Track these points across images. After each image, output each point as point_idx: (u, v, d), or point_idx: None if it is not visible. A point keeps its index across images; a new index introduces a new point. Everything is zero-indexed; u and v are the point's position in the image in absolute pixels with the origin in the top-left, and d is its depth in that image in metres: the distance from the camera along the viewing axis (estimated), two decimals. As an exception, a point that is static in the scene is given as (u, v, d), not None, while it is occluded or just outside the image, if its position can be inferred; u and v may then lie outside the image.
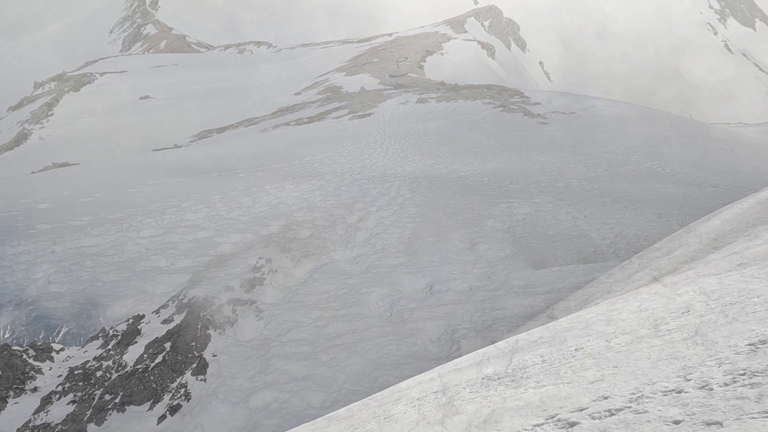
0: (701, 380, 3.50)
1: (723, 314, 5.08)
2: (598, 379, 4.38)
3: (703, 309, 5.57)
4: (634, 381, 3.99)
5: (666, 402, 3.35)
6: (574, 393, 4.25)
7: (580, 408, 3.83)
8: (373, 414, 7.01)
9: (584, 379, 4.56)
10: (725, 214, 13.42)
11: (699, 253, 11.17)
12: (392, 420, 6.15)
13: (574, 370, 5.00)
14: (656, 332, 5.34)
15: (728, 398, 3.08)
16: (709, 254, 10.46)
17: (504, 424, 4.11)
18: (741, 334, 4.16)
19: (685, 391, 3.41)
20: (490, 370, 6.80)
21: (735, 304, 5.31)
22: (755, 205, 12.83)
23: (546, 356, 6.33)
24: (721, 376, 3.43)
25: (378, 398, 8.30)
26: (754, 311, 4.79)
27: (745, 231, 10.85)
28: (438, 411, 5.57)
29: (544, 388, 4.75)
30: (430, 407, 5.94)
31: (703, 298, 5.97)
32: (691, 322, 5.17)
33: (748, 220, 11.70)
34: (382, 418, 6.47)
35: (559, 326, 7.56)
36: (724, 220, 12.80)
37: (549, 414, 3.97)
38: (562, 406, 4.00)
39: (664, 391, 3.55)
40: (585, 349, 5.90)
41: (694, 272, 8.98)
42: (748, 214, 12.18)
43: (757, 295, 5.33)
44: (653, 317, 5.98)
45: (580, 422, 3.54)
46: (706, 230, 12.92)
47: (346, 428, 6.88)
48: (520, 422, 4.01)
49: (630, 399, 3.64)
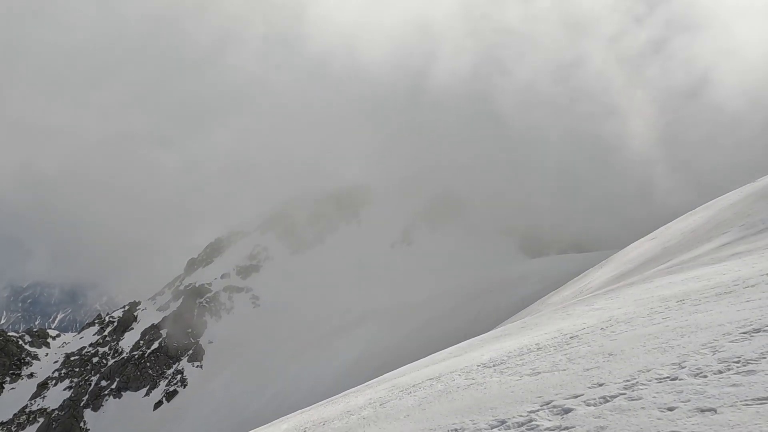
0: (695, 368, 3.53)
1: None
2: (593, 367, 4.41)
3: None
4: (629, 368, 4.02)
5: (660, 389, 3.37)
6: (569, 380, 4.27)
7: (575, 395, 3.86)
8: (368, 400, 7.05)
9: (579, 366, 4.59)
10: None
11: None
12: (387, 406, 6.18)
13: (570, 358, 5.02)
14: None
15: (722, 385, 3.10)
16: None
17: (500, 410, 4.14)
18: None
19: (680, 378, 3.44)
20: (485, 358, 6.83)
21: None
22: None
23: (541, 344, 6.36)
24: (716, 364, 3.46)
25: (373, 385, 8.35)
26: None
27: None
28: (434, 397, 5.60)
29: (540, 375, 4.78)
30: (426, 393, 5.97)
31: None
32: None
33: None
34: (378, 404, 6.51)
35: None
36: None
37: (544, 400, 3.99)
38: (558, 393, 4.03)
39: (658, 379, 3.57)
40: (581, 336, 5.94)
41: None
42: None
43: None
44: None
45: (575, 408, 3.57)
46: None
47: (342, 413, 6.92)
48: (516, 408, 4.04)
49: (625, 386, 3.67)
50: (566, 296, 18.22)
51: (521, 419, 3.77)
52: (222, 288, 72.77)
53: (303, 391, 38.57)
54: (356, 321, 53.27)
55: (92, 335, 69.32)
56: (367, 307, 57.80)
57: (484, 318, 35.67)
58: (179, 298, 71.48)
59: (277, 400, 39.84)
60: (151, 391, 56.77)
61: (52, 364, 63.77)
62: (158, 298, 76.44)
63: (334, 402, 8.19)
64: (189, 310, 66.94)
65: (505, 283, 43.31)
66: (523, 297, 36.10)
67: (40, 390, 59.03)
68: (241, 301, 70.35)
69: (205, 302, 68.94)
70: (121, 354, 63.07)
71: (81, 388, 58.38)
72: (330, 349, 46.95)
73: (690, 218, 18.34)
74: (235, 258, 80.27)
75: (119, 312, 75.14)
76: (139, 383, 57.79)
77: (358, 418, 6.16)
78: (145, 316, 70.59)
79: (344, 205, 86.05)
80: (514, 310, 31.34)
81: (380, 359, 37.58)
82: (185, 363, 59.61)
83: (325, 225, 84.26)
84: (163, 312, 70.31)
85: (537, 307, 21.22)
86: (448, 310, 43.41)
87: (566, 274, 33.38)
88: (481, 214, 75.49)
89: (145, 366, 59.02)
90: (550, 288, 31.05)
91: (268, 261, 79.35)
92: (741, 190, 16.54)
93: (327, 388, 34.45)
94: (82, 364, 62.25)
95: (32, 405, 57.23)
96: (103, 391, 57.19)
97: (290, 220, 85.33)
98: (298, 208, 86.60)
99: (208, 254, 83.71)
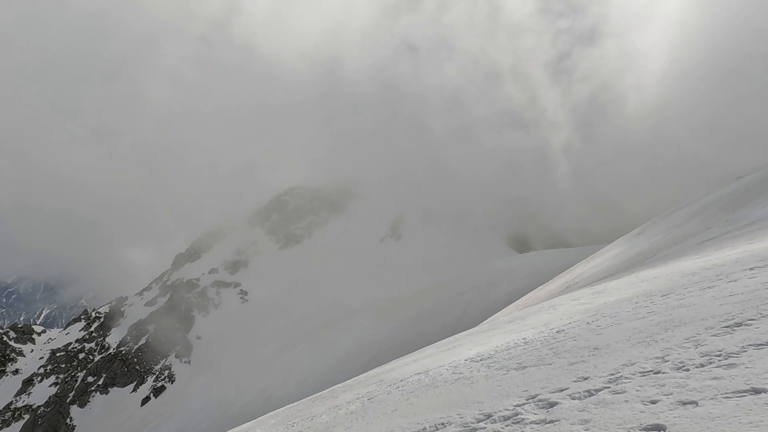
0: (678, 361, 3.58)
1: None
2: (579, 360, 4.46)
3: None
4: (613, 362, 4.07)
5: (644, 382, 3.42)
6: (555, 374, 4.32)
7: (560, 388, 3.90)
8: (356, 395, 7.07)
9: (564, 360, 4.64)
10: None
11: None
12: (375, 401, 6.21)
13: (556, 352, 5.07)
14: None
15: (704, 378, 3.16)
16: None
17: (486, 404, 4.17)
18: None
19: (663, 372, 3.49)
20: (473, 352, 6.88)
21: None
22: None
23: (528, 338, 6.41)
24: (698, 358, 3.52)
25: (362, 379, 8.36)
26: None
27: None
28: (421, 391, 5.63)
29: (526, 369, 4.83)
30: (413, 388, 6.00)
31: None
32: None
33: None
34: (365, 399, 6.53)
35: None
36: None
37: (530, 394, 4.03)
38: (544, 387, 4.07)
39: (642, 372, 3.63)
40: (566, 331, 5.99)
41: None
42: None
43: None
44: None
45: (560, 402, 3.61)
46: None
47: (330, 408, 6.94)
48: (502, 402, 4.07)
49: (609, 380, 3.72)
50: (553, 290, 18.36)
51: (507, 413, 3.80)
52: (210, 283, 72.40)
53: (291, 387, 38.56)
54: (345, 316, 53.28)
55: (78, 331, 68.70)
56: (356, 302, 57.86)
57: (471, 312, 35.85)
58: (167, 294, 71.01)
59: (266, 395, 39.79)
60: (139, 387, 56.41)
61: (38, 360, 63.13)
62: (145, 293, 75.86)
63: (323, 397, 8.21)
64: (177, 305, 66.60)
65: (492, 278, 43.52)
66: (511, 292, 36.31)
67: (25, 386, 58.41)
68: (229, 297, 70.04)
69: (193, 297, 68.59)
70: (108, 350, 62.58)
71: (67, 384, 57.84)
72: (318, 345, 46.95)
73: (674, 214, 18.56)
74: (223, 253, 79.87)
75: (106, 307, 74.51)
76: (126, 379, 57.37)
77: (346, 412, 6.18)
78: (132, 311, 70.05)
79: (333, 200, 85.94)
80: (502, 304, 31.53)
81: (369, 354, 37.66)
82: (173, 358, 59.27)
83: (314, 220, 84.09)
84: (151, 307, 69.83)
85: (524, 301, 21.37)
86: (437, 304, 43.56)
87: (553, 269, 33.64)
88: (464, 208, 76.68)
89: (133, 362, 58.70)
90: (538, 282, 31.28)
91: (256, 256, 79.03)
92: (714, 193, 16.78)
93: (315, 383, 34.48)
94: (68, 360, 61.67)
95: (17, 402, 56.65)
96: (89, 387, 56.70)
97: (278, 215, 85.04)
98: (286, 202, 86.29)
99: (196, 249, 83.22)
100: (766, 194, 13.97)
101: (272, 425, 7.97)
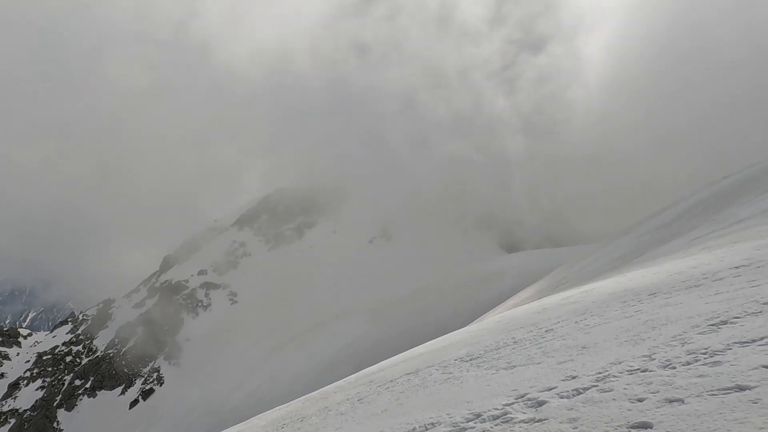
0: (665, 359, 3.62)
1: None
2: (567, 359, 4.49)
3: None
4: (601, 361, 4.10)
5: (631, 381, 3.46)
6: (544, 373, 4.34)
7: (549, 387, 3.93)
8: (346, 396, 7.06)
9: (553, 359, 4.67)
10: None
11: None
12: (365, 401, 6.20)
13: (545, 351, 5.10)
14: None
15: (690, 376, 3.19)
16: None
17: (475, 404, 4.19)
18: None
19: (650, 370, 3.53)
20: (462, 352, 6.89)
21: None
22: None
23: (517, 337, 6.44)
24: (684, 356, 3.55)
25: (352, 381, 8.35)
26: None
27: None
28: (411, 392, 5.63)
29: (515, 369, 4.85)
30: (403, 389, 6.00)
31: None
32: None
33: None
34: (355, 400, 6.52)
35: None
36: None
37: (519, 393, 4.05)
38: (532, 386, 4.10)
39: (629, 371, 3.66)
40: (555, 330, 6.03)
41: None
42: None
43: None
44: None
45: (549, 401, 3.63)
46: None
47: (320, 410, 6.92)
48: (491, 401, 4.09)
49: (597, 378, 3.74)
50: (542, 290, 18.47)
51: (496, 412, 3.82)
52: (199, 285, 71.95)
53: (281, 388, 38.42)
54: (335, 317, 53.21)
55: (65, 334, 67.96)
56: (346, 303, 57.78)
57: (462, 312, 35.95)
58: (155, 296, 70.47)
59: (255, 397, 39.62)
60: (127, 390, 55.90)
61: (24, 363, 62.39)
62: (133, 295, 75.23)
63: (313, 398, 8.19)
64: (165, 307, 66.12)
65: (483, 278, 43.68)
66: (501, 291, 36.47)
67: (11, 390, 57.74)
68: (218, 298, 69.64)
69: (182, 299, 68.13)
70: (96, 352, 61.96)
71: (54, 387, 57.21)
72: (309, 346, 46.83)
73: (664, 213, 18.73)
74: (212, 254, 79.43)
75: (93, 310, 73.81)
76: (114, 382, 56.83)
77: (336, 414, 6.17)
78: (120, 313, 69.42)
79: (322, 201, 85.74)
80: (492, 304, 31.65)
81: (359, 355, 37.63)
82: (162, 361, 58.80)
83: (303, 220, 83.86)
84: (139, 309, 69.24)
85: (514, 301, 21.46)
86: (427, 305, 43.64)
87: (543, 269, 33.83)
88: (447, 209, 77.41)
89: (120, 364, 58.16)
90: (528, 282, 31.44)
91: (245, 257, 78.66)
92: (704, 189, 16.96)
93: (306, 384, 34.38)
94: (54, 363, 60.98)
95: (3, 406, 55.95)
96: (77, 390, 56.11)
97: (268, 216, 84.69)
98: (275, 203, 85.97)
99: (185, 251, 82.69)
100: (752, 194, 14.16)
101: (262, 427, 7.94)
